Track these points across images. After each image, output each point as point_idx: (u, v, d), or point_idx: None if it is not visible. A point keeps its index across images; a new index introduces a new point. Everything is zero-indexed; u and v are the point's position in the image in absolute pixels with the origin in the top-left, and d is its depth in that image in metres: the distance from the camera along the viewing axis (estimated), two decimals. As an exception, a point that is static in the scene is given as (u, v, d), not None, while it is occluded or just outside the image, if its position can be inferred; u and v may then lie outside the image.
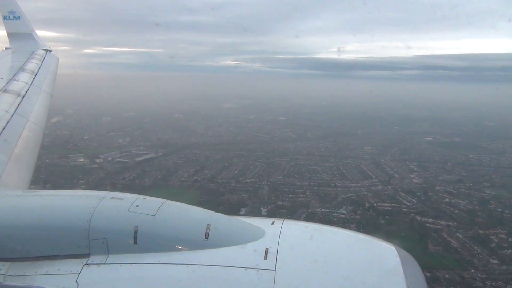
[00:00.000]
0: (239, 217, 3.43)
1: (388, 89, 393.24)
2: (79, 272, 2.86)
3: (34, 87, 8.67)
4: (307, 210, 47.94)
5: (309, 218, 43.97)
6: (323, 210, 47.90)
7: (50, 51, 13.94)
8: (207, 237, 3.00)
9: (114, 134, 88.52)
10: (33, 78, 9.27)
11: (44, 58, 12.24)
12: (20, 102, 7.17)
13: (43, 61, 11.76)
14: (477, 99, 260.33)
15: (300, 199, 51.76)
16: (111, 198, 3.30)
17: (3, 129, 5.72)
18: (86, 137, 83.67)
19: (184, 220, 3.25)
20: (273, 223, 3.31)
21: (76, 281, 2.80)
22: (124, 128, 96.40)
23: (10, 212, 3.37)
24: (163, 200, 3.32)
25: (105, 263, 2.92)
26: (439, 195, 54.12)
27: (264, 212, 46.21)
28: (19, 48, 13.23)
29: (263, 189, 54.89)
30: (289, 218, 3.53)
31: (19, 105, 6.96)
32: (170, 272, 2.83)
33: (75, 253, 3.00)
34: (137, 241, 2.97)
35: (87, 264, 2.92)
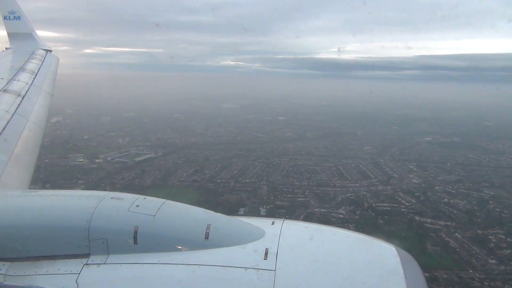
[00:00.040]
0: (239, 217, 3.44)
1: (388, 89, 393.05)
2: (79, 272, 2.86)
3: (34, 87, 8.68)
4: (306, 210, 47.93)
5: (308, 218, 43.97)
6: (322, 210, 47.88)
7: (50, 51, 13.94)
8: (207, 237, 3.01)
9: (113, 134, 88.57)
10: (33, 78, 9.27)
11: (44, 58, 12.23)
12: (20, 102, 7.18)
13: (43, 61, 11.75)
14: (477, 99, 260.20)
15: (299, 199, 51.75)
16: (111, 198, 3.31)
17: (3, 129, 5.73)
18: (85, 137, 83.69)
19: (184, 220, 3.25)
20: (273, 223, 3.31)
21: (76, 281, 2.80)
22: (124, 128, 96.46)
23: (10, 212, 3.37)
24: (163, 200, 3.33)
25: (105, 263, 2.92)
26: (438, 195, 54.11)
27: (263, 212, 46.23)
28: (19, 48, 13.20)
29: (262, 189, 54.86)
30: (287, 218, 3.54)
31: (19, 105, 6.97)
32: (170, 272, 2.83)
33: (75, 253, 3.00)
34: (137, 241, 2.98)
35: (87, 264, 2.92)
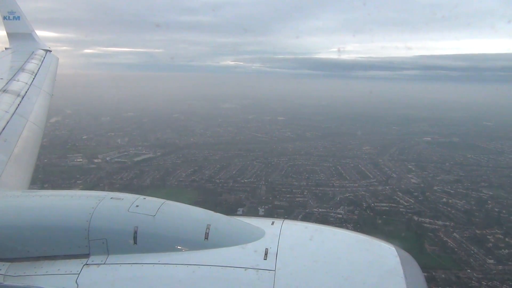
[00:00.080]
0: (238, 217, 3.44)
1: (388, 89, 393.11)
2: (79, 272, 2.85)
3: (34, 87, 8.66)
4: (304, 210, 48.01)
5: (307, 218, 43.99)
6: (320, 210, 47.95)
7: (50, 51, 13.93)
8: (207, 237, 3.00)
9: (113, 134, 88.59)
10: (33, 78, 9.25)
11: (44, 58, 12.21)
12: (20, 102, 7.16)
13: (43, 61, 11.72)
14: (477, 99, 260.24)
15: (298, 199, 51.82)
16: (111, 198, 3.30)
17: (3, 129, 5.72)
18: (84, 137, 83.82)
19: (184, 220, 3.24)
20: (273, 223, 3.31)
21: (76, 281, 2.80)
22: (123, 128, 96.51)
23: (10, 212, 3.36)
24: (163, 200, 3.32)
25: (105, 263, 2.91)
26: (436, 195, 54.20)
27: (261, 212, 46.30)
28: (19, 48, 13.17)
29: (261, 189, 54.95)
30: (286, 218, 3.54)
31: (19, 105, 6.95)
32: (170, 272, 2.83)
33: (75, 253, 2.99)
34: (137, 241, 2.97)
35: (87, 264, 2.92)
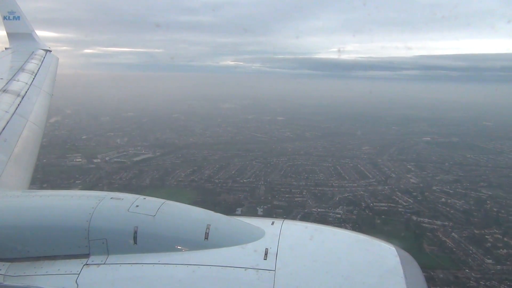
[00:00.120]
0: (238, 217, 3.45)
1: (388, 89, 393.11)
2: (79, 272, 2.86)
3: (34, 87, 8.68)
4: (303, 210, 48.01)
5: (305, 218, 43.99)
6: (319, 210, 47.95)
7: (50, 51, 13.94)
8: (207, 237, 3.01)
9: (112, 134, 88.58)
10: (33, 78, 9.26)
11: (44, 58, 12.22)
12: (20, 102, 7.17)
13: (43, 61, 11.73)
14: (476, 99, 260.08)
15: (297, 199, 51.82)
16: (111, 198, 3.30)
17: (3, 129, 5.72)
18: (84, 137, 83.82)
19: (184, 220, 3.25)
20: (273, 223, 3.31)
21: (76, 282, 2.80)
22: (123, 128, 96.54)
23: (10, 212, 3.37)
24: (163, 200, 3.33)
25: (105, 263, 2.92)
26: (435, 195, 54.16)
27: (260, 212, 46.31)
28: (19, 48, 13.18)
29: (260, 189, 54.93)
30: (285, 218, 3.55)
31: (19, 105, 6.96)
32: (170, 272, 2.83)
33: (75, 253, 3.00)
34: (137, 241, 2.98)
35: (87, 265, 2.92)
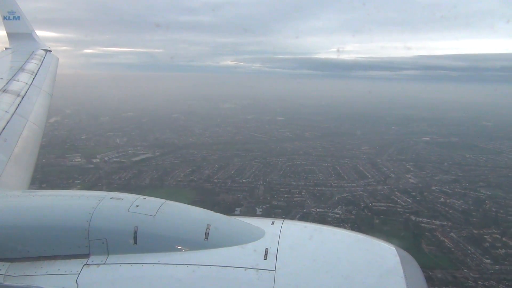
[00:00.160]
0: (238, 217, 3.45)
1: (387, 89, 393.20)
2: (79, 272, 2.86)
3: (34, 87, 8.68)
4: (302, 210, 47.98)
5: (304, 218, 44.02)
6: (318, 210, 47.95)
7: (50, 51, 13.95)
8: (207, 237, 3.01)
9: (112, 134, 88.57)
10: (33, 78, 9.27)
11: (43, 58, 12.23)
12: (20, 102, 7.17)
13: (42, 61, 11.73)
14: (476, 99, 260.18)
15: (296, 199, 51.81)
16: (111, 198, 3.30)
17: (3, 129, 5.72)
18: (83, 137, 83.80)
19: (184, 220, 3.25)
20: (273, 223, 3.31)
21: (76, 281, 2.80)
22: (122, 128, 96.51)
23: (10, 212, 3.38)
24: (163, 200, 3.33)
25: (105, 263, 2.92)
26: (434, 195, 54.15)
27: (259, 212, 46.31)
28: (19, 48, 13.18)
29: (259, 189, 54.93)
30: (285, 218, 3.56)
31: (19, 105, 6.97)
32: (170, 272, 2.83)
33: (75, 253, 3.00)
34: (137, 241, 2.98)
35: (87, 264, 2.92)
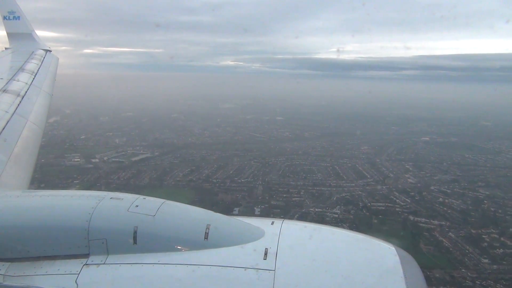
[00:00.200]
0: (238, 217, 3.45)
1: (387, 89, 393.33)
2: (78, 272, 2.86)
3: (34, 87, 8.67)
4: (300, 209, 48.05)
5: (303, 218, 44.05)
6: (316, 209, 48.00)
7: (50, 51, 13.93)
8: (206, 237, 3.01)
9: (111, 134, 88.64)
10: (33, 78, 9.25)
11: (43, 58, 12.21)
12: (20, 102, 7.16)
13: (42, 61, 11.72)
14: (475, 99, 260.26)
15: (294, 198, 51.89)
16: (111, 198, 3.30)
17: (3, 129, 5.72)
18: (83, 137, 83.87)
19: (184, 220, 3.25)
20: (272, 223, 3.31)
21: (76, 281, 2.80)
22: (122, 128, 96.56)
23: (10, 212, 3.37)
24: (163, 200, 3.33)
25: (104, 263, 2.92)
26: (433, 194, 54.22)
27: (257, 211, 46.35)
28: (19, 48, 13.16)
29: (258, 188, 54.98)
30: (283, 218, 3.55)
31: (18, 105, 6.96)
32: (170, 272, 2.83)
33: (74, 253, 2.99)
34: (136, 241, 2.98)
35: (86, 264, 2.92)
